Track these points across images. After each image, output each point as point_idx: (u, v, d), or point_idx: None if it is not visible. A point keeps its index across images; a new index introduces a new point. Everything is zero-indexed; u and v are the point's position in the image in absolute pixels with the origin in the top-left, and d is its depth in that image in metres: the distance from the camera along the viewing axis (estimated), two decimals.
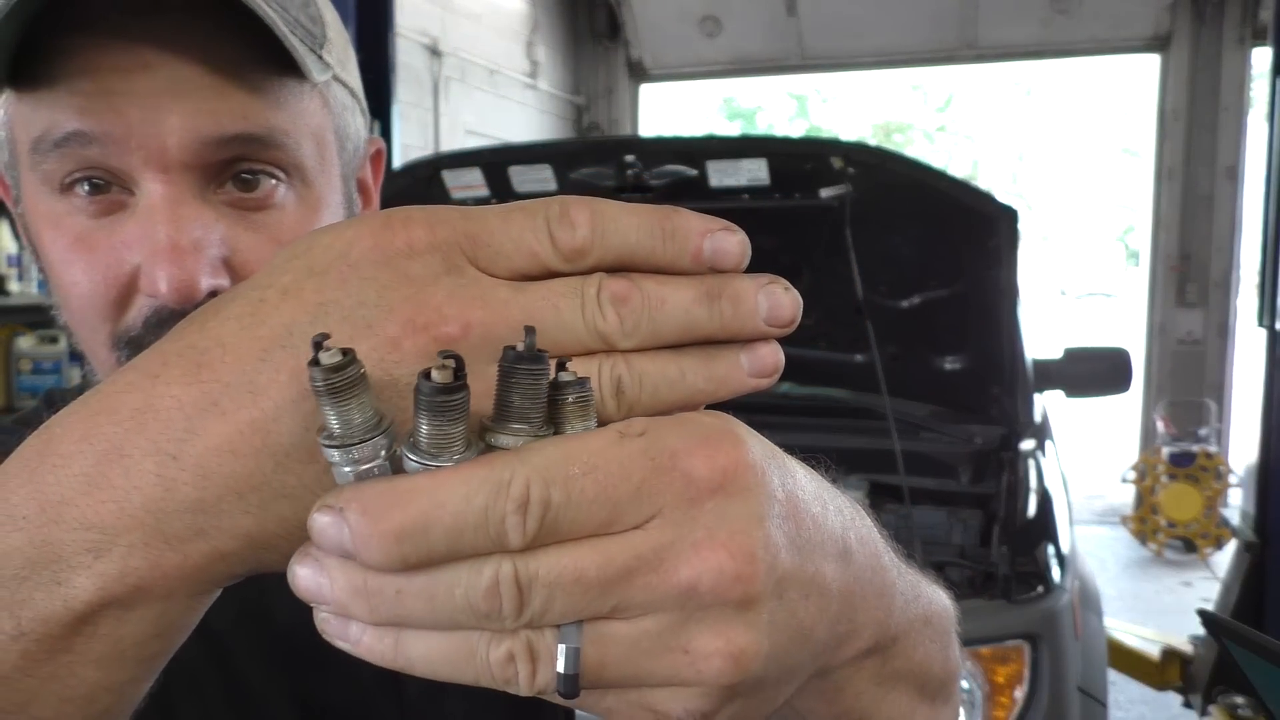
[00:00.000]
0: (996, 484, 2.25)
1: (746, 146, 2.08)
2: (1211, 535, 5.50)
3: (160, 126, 0.49)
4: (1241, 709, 2.08)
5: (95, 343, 0.53)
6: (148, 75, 0.49)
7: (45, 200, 0.52)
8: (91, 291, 0.52)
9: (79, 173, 0.50)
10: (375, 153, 0.65)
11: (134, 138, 0.49)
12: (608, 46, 7.00)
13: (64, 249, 0.52)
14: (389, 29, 3.40)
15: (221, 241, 0.51)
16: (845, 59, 6.67)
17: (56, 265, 0.52)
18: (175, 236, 0.50)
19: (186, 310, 0.46)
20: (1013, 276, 2.04)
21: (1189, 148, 5.93)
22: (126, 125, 0.49)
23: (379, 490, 0.25)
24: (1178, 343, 6.06)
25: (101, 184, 0.51)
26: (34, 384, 3.56)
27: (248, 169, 0.52)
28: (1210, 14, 5.83)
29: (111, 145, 0.49)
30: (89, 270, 0.51)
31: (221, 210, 0.52)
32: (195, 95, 0.50)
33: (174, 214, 0.50)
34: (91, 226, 0.51)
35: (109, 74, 0.48)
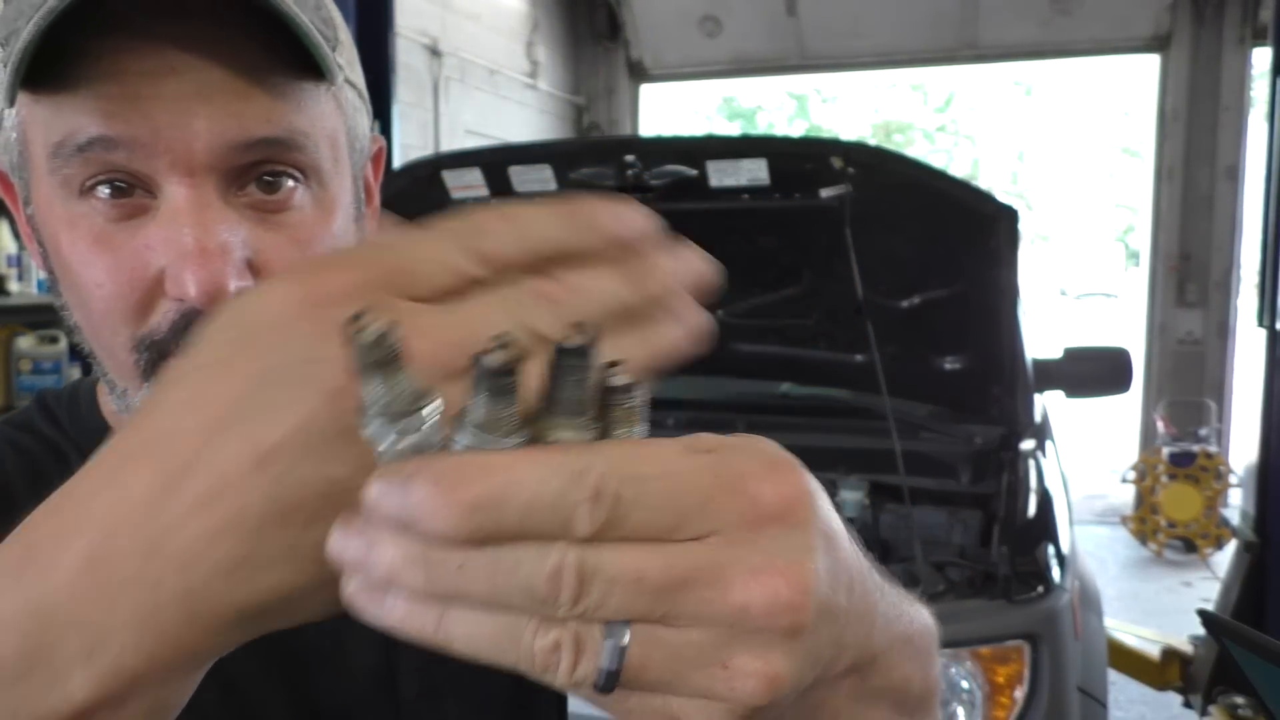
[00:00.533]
0: (996, 484, 2.25)
1: (746, 146, 2.08)
2: (1212, 535, 5.50)
3: (187, 131, 0.49)
4: (1242, 709, 2.08)
5: (115, 345, 0.53)
6: (174, 79, 0.48)
7: (63, 204, 0.51)
8: (115, 293, 0.51)
9: (101, 176, 0.50)
10: (377, 151, 0.65)
11: (160, 142, 0.49)
12: (608, 46, 7.00)
13: (84, 250, 0.51)
14: (389, 29, 3.40)
15: (245, 243, 0.51)
16: (845, 59, 6.67)
17: (75, 267, 0.52)
18: (203, 239, 0.49)
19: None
20: (1013, 276, 2.04)
21: (1189, 148, 5.93)
22: (153, 130, 0.49)
23: (452, 462, 0.25)
24: (1178, 343, 6.06)
25: (123, 187, 0.50)
26: (33, 384, 3.56)
27: (270, 171, 0.52)
28: (1210, 14, 5.83)
29: (137, 150, 0.49)
30: (112, 272, 0.51)
31: (244, 212, 0.52)
32: (221, 99, 0.49)
33: (200, 217, 0.50)
34: (112, 229, 0.51)
35: (135, 78, 0.48)
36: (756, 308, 2.57)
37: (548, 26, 6.57)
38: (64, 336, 3.63)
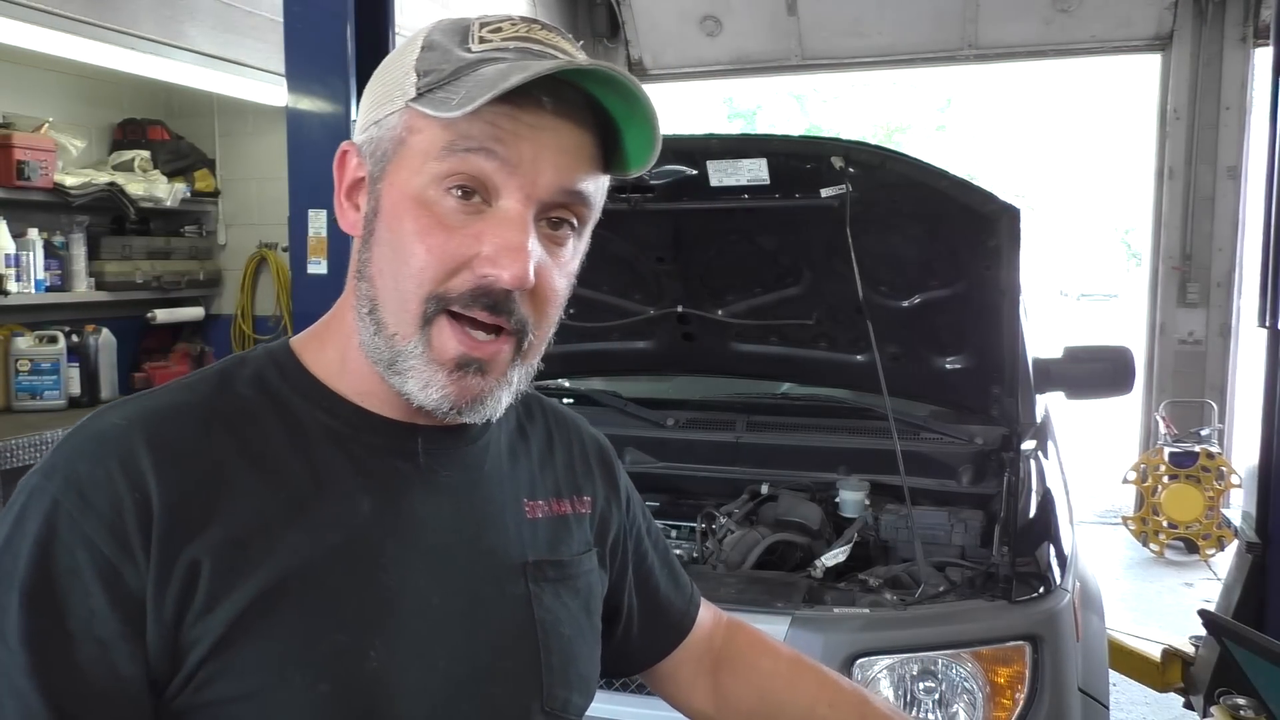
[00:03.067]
0: (997, 484, 2.24)
1: (746, 146, 2.07)
2: (1213, 536, 5.49)
3: (538, 168, 0.71)
4: (1244, 710, 2.07)
5: (412, 295, 0.71)
6: (543, 133, 0.71)
7: (423, 188, 0.71)
8: (439, 259, 0.70)
9: (462, 177, 0.70)
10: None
11: (522, 166, 0.70)
12: (607, 46, 6.99)
13: (428, 224, 0.71)
14: (389, 29, 3.40)
15: (537, 256, 0.72)
16: (845, 59, 6.66)
17: (413, 234, 0.71)
18: (523, 242, 0.70)
19: (511, 293, 0.71)
20: (1014, 276, 2.03)
21: (1190, 147, 5.92)
22: (519, 157, 0.70)
23: None
24: (1179, 343, 6.05)
25: (470, 192, 0.71)
26: (32, 384, 3.56)
27: (559, 216, 0.74)
28: (1212, 13, 5.82)
29: (503, 166, 0.70)
30: (444, 244, 0.71)
31: (539, 236, 0.73)
32: (565, 157, 0.72)
33: (523, 227, 0.71)
34: (454, 217, 0.71)
35: (522, 124, 0.70)
36: (756, 308, 2.57)
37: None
38: (62, 337, 3.62)
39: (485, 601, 0.79)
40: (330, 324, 0.80)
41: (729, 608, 1.77)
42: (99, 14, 3.31)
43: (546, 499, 0.88)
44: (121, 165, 4.10)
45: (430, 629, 0.75)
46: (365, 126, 0.76)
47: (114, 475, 0.67)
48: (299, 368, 0.79)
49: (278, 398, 0.76)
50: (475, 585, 0.78)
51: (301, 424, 0.75)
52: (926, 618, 1.73)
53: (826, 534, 2.20)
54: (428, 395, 0.72)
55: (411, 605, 0.74)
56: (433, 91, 0.71)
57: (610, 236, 2.43)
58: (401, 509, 0.76)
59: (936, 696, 1.68)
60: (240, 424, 0.73)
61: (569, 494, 0.91)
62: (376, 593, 0.73)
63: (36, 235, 3.55)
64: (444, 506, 0.79)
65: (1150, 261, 6.24)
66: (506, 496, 0.84)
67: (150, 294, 4.18)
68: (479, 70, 0.70)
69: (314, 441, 0.75)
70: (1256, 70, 5.75)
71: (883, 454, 2.25)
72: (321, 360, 0.79)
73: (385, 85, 0.75)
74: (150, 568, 0.66)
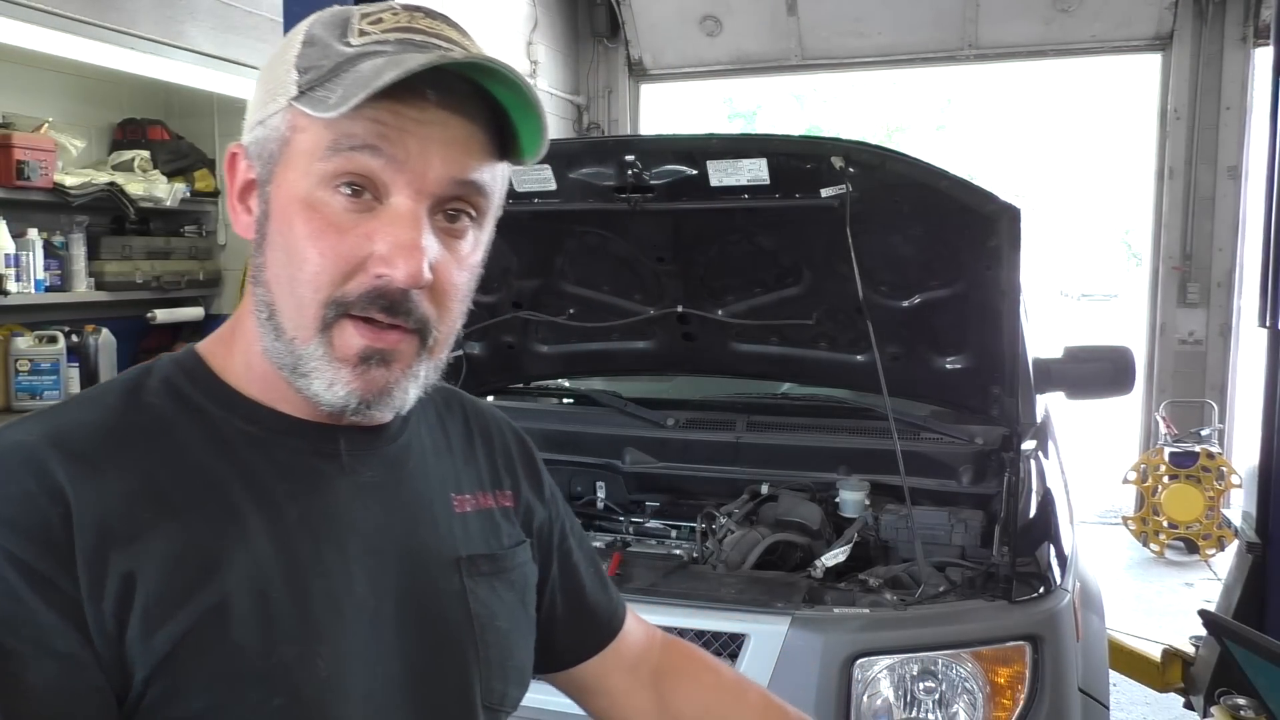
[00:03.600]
0: (997, 484, 2.24)
1: (746, 146, 2.07)
2: (1213, 536, 5.49)
3: (427, 162, 0.70)
4: (1244, 710, 2.07)
5: (309, 300, 0.70)
6: (429, 126, 0.69)
7: (311, 189, 0.70)
8: (333, 262, 0.69)
9: (349, 176, 0.69)
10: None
11: (409, 162, 0.69)
12: (608, 46, 6.99)
13: (319, 227, 0.69)
14: None
15: (433, 252, 0.71)
16: (845, 59, 6.65)
17: (304, 237, 0.69)
18: (416, 239, 0.69)
19: (408, 292, 0.69)
20: (1014, 276, 2.03)
21: (1191, 147, 5.92)
22: (406, 152, 0.69)
23: None
24: (1179, 343, 6.05)
25: (359, 189, 0.69)
26: (31, 384, 3.56)
27: (456, 208, 0.73)
28: (1212, 13, 5.82)
29: (390, 163, 0.69)
30: (336, 247, 0.69)
31: (435, 232, 0.72)
32: (454, 149, 0.71)
33: (416, 224, 0.70)
34: (344, 217, 0.69)
35: (406, 119, 0.69)
36: (756, 308, 2.56)
37: (547, 25, 6.56)
38: (61, 337, 3.62)
39: (421, 599, 0.78)
40: (234, 329, 0.78)
41: (729, 608, 1.79)
42: (99, 14, 3.31)
43: (473, 493, 0.87)
44: (121, 165, 4.09)
45: (371, 631, 0.74)
46: (251, 127, 0.74)
47: (31, 492, 0.65)
48: (209, 374, 0.76)
49: (192, 406, 0.74)
50: (410, 584, 0.78)
51: (220, 432, 0.73)
52: (926, 618, 1.73)
53: (826, 534, 2.20)
54: (334, 394, 0.71)
55: (351, 608, 0.73)
56: (313, 90, 0.69)
57: (610, 236, 2.43)
58: (331, 512, 0.75)
59: (936, 696, 1.68)
60: (157, 435, 0.71)
61: (493, 488, 0.90)
62: (318, 599, 0.71)
63: (36, 235, 3.55)
64: (372, 506, 0.77)
65: (1150, 261, 6.24)
66: (434, 492, 0.83)
67: (150, 294, 4.17)
68: (357, 66, 0.68)
69: (235, 449, 0.73)
70: (1257, 70, 5.74)
71: (883, 454, 2.25)
72: (230, 366, 0.77)
73: (268, 84, 0.73)
74: (82, 580, 0.64)
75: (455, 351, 2.86)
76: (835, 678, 1.66)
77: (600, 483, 2.53)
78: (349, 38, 0.71)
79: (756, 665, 1.69)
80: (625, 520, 2.41)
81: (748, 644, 1.71)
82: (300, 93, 0.70)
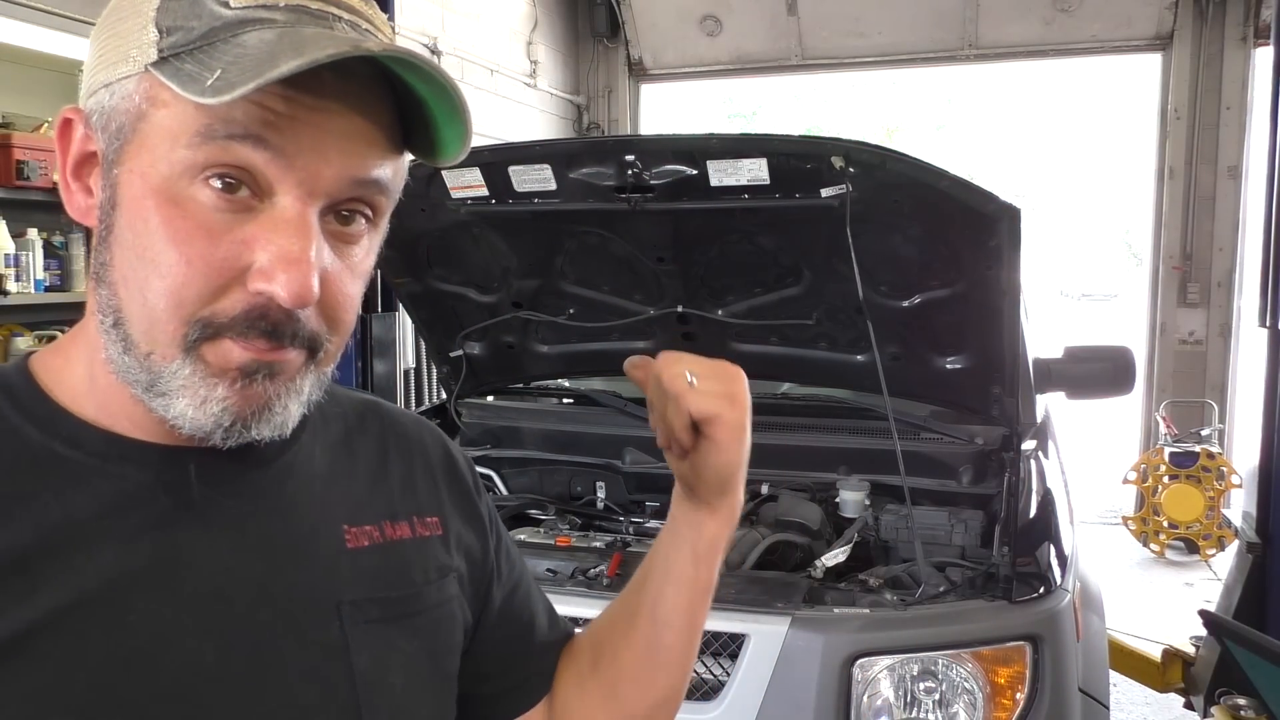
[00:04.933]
0: (998, 484, 2.24)
1: (746, 146, 2.07)
2: (1213, 536, 5.49)
3: (322, 158, 0.58)
4: (1244, 710, 2.07)
5: (168, 314, 0.58)
6: (326, 116, 0.58)
7: (169, 178, 0.57)
8: (200, 272, 0.57)
9: (223, 169, 0.57)
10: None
11: (301, 157, 0.58)
12: (608, 46, 6.99)
13: (183, 228, 0.57)
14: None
15: (324, 262, 0.60)
16: (845, 59, 6.66)
17: (164, 239, 0.57)
18: (305, 250, 0.58)
19: (292, 313, 0.58)
20: (1014, 276, 2.03)
21: (1191, 147, 5.92)
22: (298, 145, 0.58)
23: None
24: (1179, 343, 6.05)
25: (233, 184, 0.57)
26: None
27: (349, 208, 0.62)
28: (1213, 13, 5.82)
29: (278, 158, 0.57)
30: (205, 254, 0.57)
31: (325, 235, 0.61)
32: (353, 143, 0.60)
33: (304, 231, 0.58)
34: (216, 218, 0.57)
35: (299, 106, 0.57)
36: (756, 308, 2.56)
37: (547, 26, 6.56)
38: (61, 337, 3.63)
39: (279, 654, 0.64)
40: (76, 335, 0.66)
41: (729, 608, 1.79)
42: (99, 14, 3.31)
43: (377, 522, 0.73)
44: None
45: (204, 693, 0.61)
46: (93, 89, 0.61)
47: None
48: (34, 390, 0.64)
49: (6, 429, 0.62)
50: (266, 634, 0.64)
51: (33, 459, 0.61)
52: (927, 618, 1.73)
53: (826, 534, 2.20)
54: (207, 411, 0.59)
55: (179, 670, 0.60)
56: (179, 58, 0.56)
57: (610, 236, 2.43)
58: (158, 553, 0.62)
59: (937, 697, 1.68)
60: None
61: (407, 514, 0.76)
62: (129, 664, 0.59)
63: (36, 235, 3.55)
64: (220, 544, 0.64)
65: (1150, 261, 6.24)
66: (318, 525, 0.70)
67: None
68: (240, 38, 0.56)
69: (46, 480, 0.61)
70: (1257, 70, 5.74)
71: (883, 454, 2.25)
72: (66, 379, 0.64)
73: (117, 38, 0.60)
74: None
75: (455, 351, 2.87)
76: (835, 678, 1.66)
77: (600, 483, 2.53)
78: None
79: (756, 665, 1.69)
80: (625, 520, 2.41)
81: (748, 644, 1.71)
82: (161, 58, 0.57)
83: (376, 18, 0.63)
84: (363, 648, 0.68)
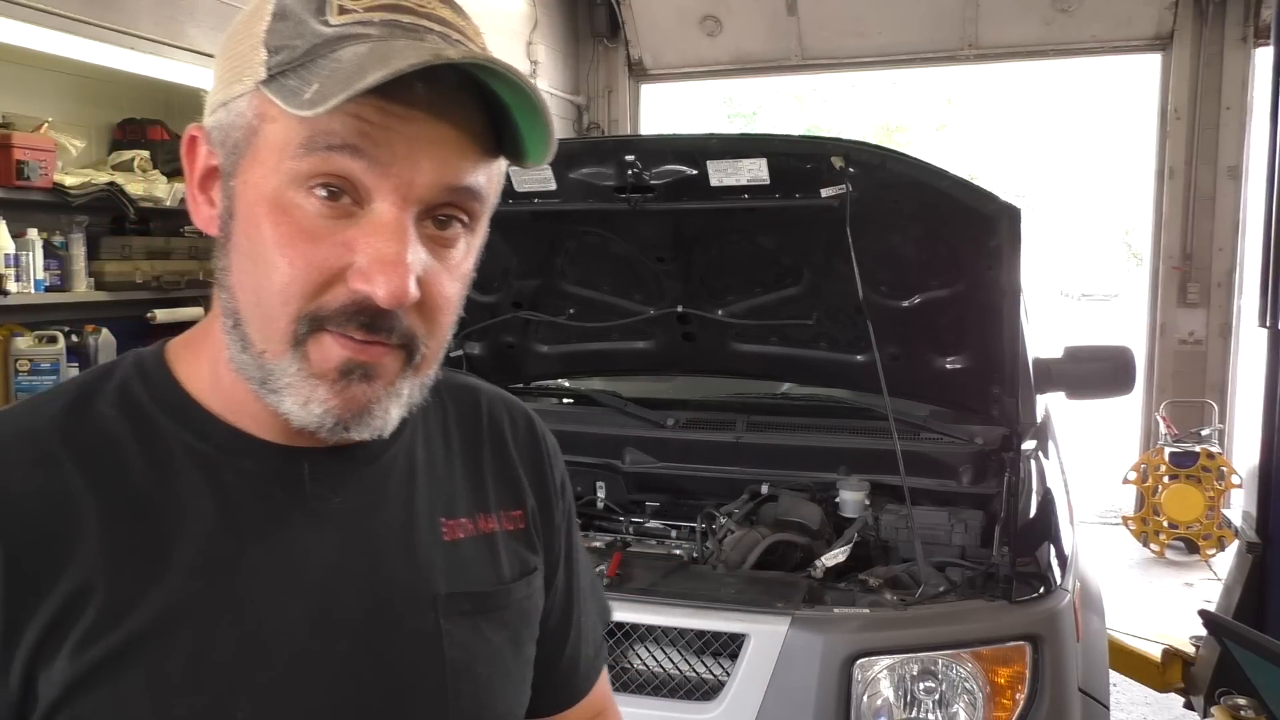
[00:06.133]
0: (997, 484, 2.24)
1: (746, 146, 2.07)
2: (1213, 536, 5.49)
3: (415, 166, 0.62)
4: (1244, 710, 2.07)
5: (279, 312, 0.63)
6: (418, 125, 0.61)
7: (282, 189, 0.62)
8: (304, 272, 0.62)
9: (326, 178, 0.61)
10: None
11: (395, 165, 0.61)
12: (608, 46, 6.99)
13: (290, 232, 0.62)
14: None
15: (420, 264, 0.63)
16: (845, 59, 6.65)
17: (274, 243, 0.62)
18: (401, 253, 0.62)
19: (389, 310, 0.62)
20: (1014, 276, 2.03)
21: (1191, 147, 5.92)
22: (392, 154, 0.61)
23: None
24: (1179, 343, 6.04)
25: (336, 192, 0.62)
26: (31, 384, 3.55)
27: (446, 213, 0.65)
28: (1212, 13, 5.82)
29: (374, 166, 0.61)
30: (309, 255, 0.62)
31: (423, 240, 0.64)
32: (445, 151, 0.63)
33: (401, 235, 0.62)
34: (320, 223, 0.62)
35: (392, 116, 0.60)
36: (756, 308, 2.56)
37: (547, 25, 6.56)
38: (61, 337, 3.62)
39: (378, 642, 0.69)
40: (204, 333, 0.71)
41: (729, 608, 1.79)
42: (99, 14, 3.31)
43: (471, 515, 0.78)
44: (121, 165, 4.09)
45: (311, 678, 0.66)
46: (214, 108, 0.66)
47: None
48: (169, 381, 0.70)
49: (141, 417, 0.67)
50: (367, 625, 0.69)
51: (167, 449, 0.67)
52: (926, 618, 1.73)
53: (826, 534, 2.20)
54: (309, 412, 0.64)
55: (286, 653, 0.66)
56: (285, 75, 0.61)
57: (610, 236, 2.43)
58: (277, 545, 0.67)
59: (937, 696, 1.68)
60: (95, 451, 0.65)
61: (498, 508, 0.80)
62: (242, 643, 0.64)
63: (36, 235, 3.55)
64: (330, 537, 0.69)
65: (1150, 261, 6.24)
66: (418, 518, 0.74)
67: (150, 294, 4.17)
68: (337, 53, 0.60)
69: (178, 470, 0.66)
70: (1257, 70, 5.74)
71: (883, 454, 2.25)
72: (195, 373, 0.70)
73: (232, 60, 0.65)
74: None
75: (455, 351, 2.87)
76: (835, 678, 1.66)
77: (600, 483, 2.53)
78: (327, 14, 0.62)
79: (756, 665, 1.69)
80: (625, 520, 2.41)
81: (748, 644, 1.71)
82: (269, 76, 0.61)
83: (469, 28, 0.66)
84: (454, 639, 0.73)
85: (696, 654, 1.76)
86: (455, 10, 0.66)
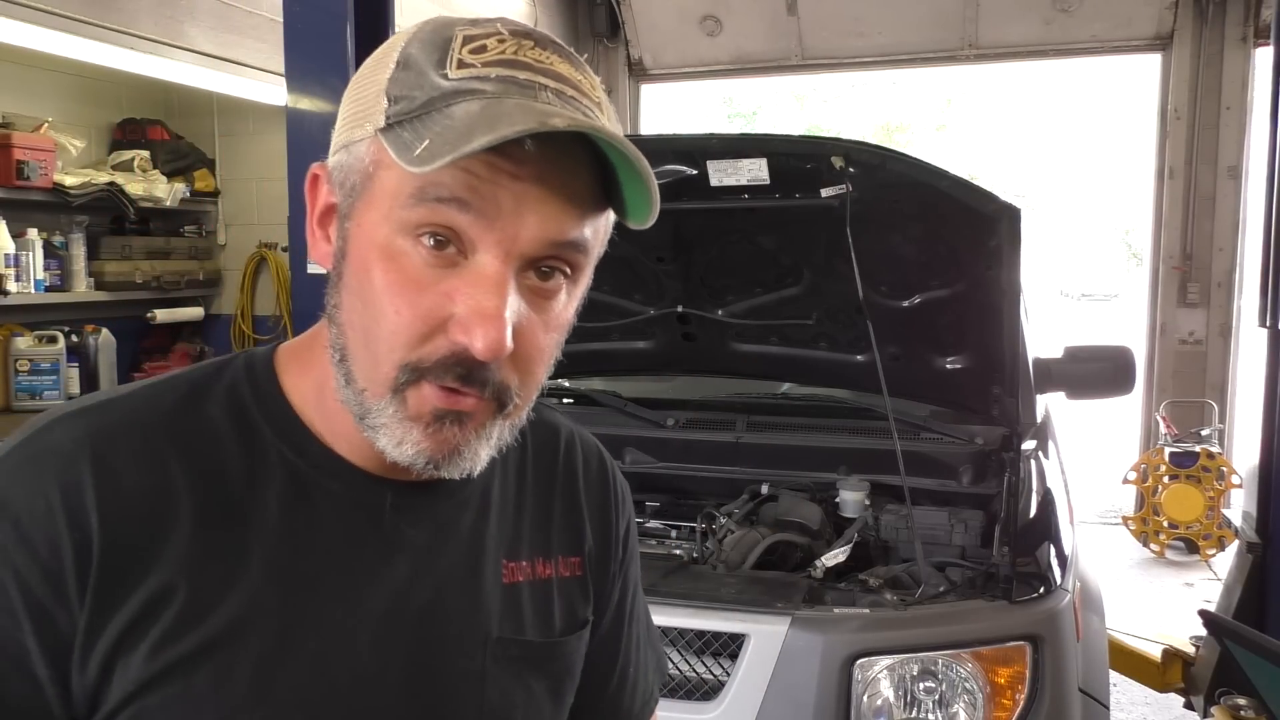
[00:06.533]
0: (998, 484, 2.24)
1: (746, 146, 2.07)
2: (1213, 536, 5.49)
3: (520, 221, 0.62)
4: (1244, 710, 2.07)
5: (384, 358, 0.64)
6: (524, 183, 0.62)
7: (389, 235, 0.64)
8: (409, 321, 0.63)
9: (433, 228, 0.62)
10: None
11: (500, 219, 0.62)
12: (608, 46, 6.99)
13: (397, 279, 0.63)
14: (389, 29, 3.40)
15: (516, 314, 0.64)
16: (845, 59, 6.65)
17: (382, 288, 0.64)
18: (500, 307, 0.62)
19: (485, 363, 0.63)
20: (1014, 276, 2.03)
21: (1191, 147, 5.92)
22: (498, 208, 0.62)
23: None
24: (1179, 343, 6.04)
25: (443, 241, 0.63)
26: (31, 384, 3.56)
27: (549, 265, 0.65)
28: (1212, 13, 5.82)
29: (479, 219, 0.62)
30: (414, 304, 0.63)
31: (522, 291, 0.65)
32: (550, 206, 0.63)
33: (501, 289, 0.63)
34: (425, 271, 0.63)
35: (500, 172, 0.61)
36: (756, 308, 2.56)
37: (547, 25, 6.56)
38: (61, 337, 3.62)
39: (430, 675, 0.72)
40: (314, 350, 0.73)
41: (729, 608, 1.78)
42: (99, 14, 3.31)
43: (531, 559, 0.80)
44: (121, 165, 4.10)
45: (365, 703, 0.69)
46: (336, 149, 0.69)
47: (54, 508, 0.62)
48: (275, 392, 0.72)
49: (246, 425, 0.70)
50: (422, 656, 0.71)
51: (265, 459, 0.69)
52: (926, 618, 1.73)
53: (826, 534, 2.20)
54: (402, 451, 0.66)
55: (348, 677, 0.68)
56: (401, 126, 0.62)
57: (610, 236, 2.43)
58: (350, 568, 0.70)
59: (937, 697, 1.68)
60: (199, 451, 0.67)
61: (558, 552, 0.82)
62: (308, 660, 0.67)
63: (36, 235, 3.55)
64: (401, 568, 0.72)
65: (1150, 261, 6.24)
66: (484, 558, 0.76)
67: (150, 294, 4.17)
68: (451, 109, 0.61)
69: (271, 481, 0.69)
70: (1257, 70, 5.74)
71: (883, 454, 2.25)
72: (301, 386, 0.72)
73: (358, 104, 0.67)
74: (84, 615, 0.62)
75: None
76: (835, 678, 1.66)
77: None
78: (447, 68, 0.63)
79: (756, 665, 1.69)
80: None
81: (748, 644, 1.71)
82: (387, 124, 0.63)
83: (585, 83, 0.67)
84: (497, 682, 0.74)
85: (696, 654, 1.76)
86: (574, 65, 0.67)
